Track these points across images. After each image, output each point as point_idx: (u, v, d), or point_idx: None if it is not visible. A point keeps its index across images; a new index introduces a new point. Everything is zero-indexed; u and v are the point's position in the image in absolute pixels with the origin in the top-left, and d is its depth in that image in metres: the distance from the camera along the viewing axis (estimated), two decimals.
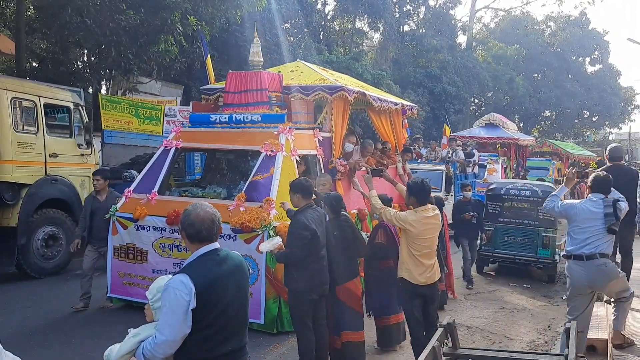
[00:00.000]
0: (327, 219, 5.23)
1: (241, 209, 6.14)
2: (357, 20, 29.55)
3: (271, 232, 5.85)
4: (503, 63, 36.38)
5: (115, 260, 6.99)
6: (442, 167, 13.07)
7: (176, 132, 7.50)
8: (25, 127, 8.95)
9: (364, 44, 33.55)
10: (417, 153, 14.59)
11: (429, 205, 5.16)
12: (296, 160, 6.69)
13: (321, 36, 28.09)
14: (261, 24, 18.68)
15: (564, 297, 8.95)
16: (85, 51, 15.38)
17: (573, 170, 5.46)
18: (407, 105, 10.06)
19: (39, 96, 9.06)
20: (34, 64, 15.64)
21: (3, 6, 15.09)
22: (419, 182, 5.20)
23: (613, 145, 7.44)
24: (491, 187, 10.54)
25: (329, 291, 5.15)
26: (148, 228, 6.76)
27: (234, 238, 6.07)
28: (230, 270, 2.83)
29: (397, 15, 30.55)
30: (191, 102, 9.34)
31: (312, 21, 23.58)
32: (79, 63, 16.18)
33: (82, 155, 9.59)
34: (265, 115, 7.05)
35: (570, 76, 38.80)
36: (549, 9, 64.95)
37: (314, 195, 5.16)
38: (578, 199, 22.71)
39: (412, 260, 5.07)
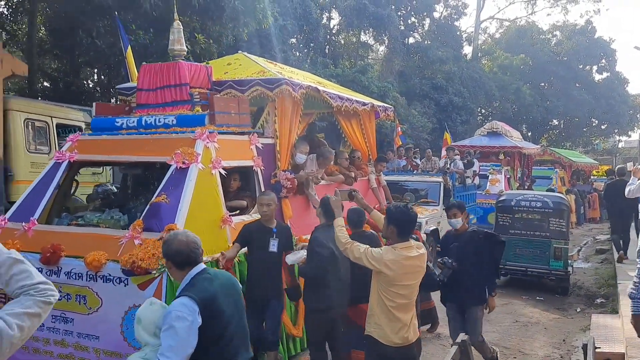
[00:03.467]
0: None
1: (136, 241, 4.53)
2: (362, 33, 29.75)
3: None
4: (509, 73, 36.38)
5: None
6: (440, 179, 11.95)
7: (72, 141, 5.85)
8: (38, 147, 9.08)
9: (370, 57, 33.72)
10: (411, 163, 13.87)
11: (413, 242, 4.04)
12: (220, 173, 5.24)
13: (327, 50, 28.28)
14: (267, 39, 18.89)
15: (578, 310, 8.90)
16: (96, 70, 15.59)
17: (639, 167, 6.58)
18: (379, 107, 8.46)
19: (51, 116, 9.20)
20: (46, 83, 15.87)
21: (15, 28, 15.36)
22: (403, 209, 4.07)
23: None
24: (501, 198, 10.50)
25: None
26: None
27: (126, 282, 4.43)
28: (222, 286, 2.97)
29: (402, 27, 30.71)
30: (94, 103, 7.49)
31: (317, 36, 23.77)
32: (89, 82, 16.39)
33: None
34: (181, 117, 5.53)
35: (577, 85, 38.68)
36: (554, 19, 65.03)
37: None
38: (590, 208, 22.33)
39: (385, 313, 3.94)
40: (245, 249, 5.08)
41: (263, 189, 5.62)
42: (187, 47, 11.90)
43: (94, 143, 5.81)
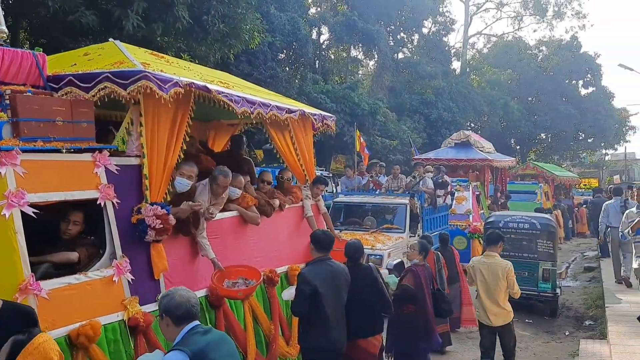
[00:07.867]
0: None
1: None
2: (352, 48, 29.88)
3: None
4: (497, 88, 36.70)
5: None
6: (406, 200, 10.33)
7: None
8: None
9: (360, 72, 33.87)
10: (374, 182, 12.32)
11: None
12: (24, 212, 3.43)
13: (317, 65, 28.33)
14: (256, 56, 18.87)
15: (567, 333, 8.85)
16: None
17: None
18: (314, 115, 6.50)
19: None
20: None
21: None
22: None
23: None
24: (489, 220, 10.49)
25: None
26: None
27: None
28: (217, 338, 2.99)
29: (392, 43, 30.93)
30: None
31: (307, 51, 23.81)
32: None
33: None
34: None
35: (564, 99, 39.10)
36: (540, 34, 65.79)
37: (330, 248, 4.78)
38: (578, 222, 22.25)
39: None
40: None
41: (115, 231, 3.98)
42: None
43: None
